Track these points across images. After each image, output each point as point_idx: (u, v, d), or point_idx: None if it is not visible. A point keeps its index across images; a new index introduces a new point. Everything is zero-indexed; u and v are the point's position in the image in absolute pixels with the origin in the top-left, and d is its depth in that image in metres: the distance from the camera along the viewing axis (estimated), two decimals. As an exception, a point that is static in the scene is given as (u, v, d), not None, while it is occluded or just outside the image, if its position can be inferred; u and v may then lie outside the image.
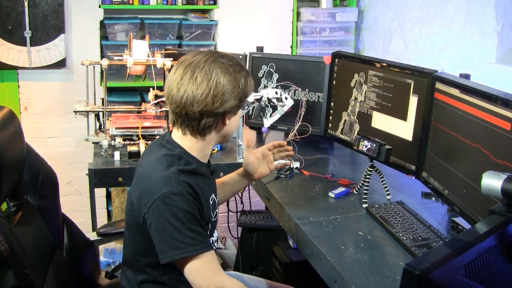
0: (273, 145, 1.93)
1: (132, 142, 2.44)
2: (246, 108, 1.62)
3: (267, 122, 2.37)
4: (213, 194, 1.62)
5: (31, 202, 1.71)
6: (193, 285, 1.45)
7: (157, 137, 2.46)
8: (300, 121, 2.30)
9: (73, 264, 1.83)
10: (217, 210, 1.65)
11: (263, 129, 2.40)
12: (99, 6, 3.28)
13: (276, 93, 2.28)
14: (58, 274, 1.69)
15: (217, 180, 1.93)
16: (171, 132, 1.62)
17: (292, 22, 3.63)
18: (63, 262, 1.79)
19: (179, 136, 1.57)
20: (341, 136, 2.38)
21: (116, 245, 3.33)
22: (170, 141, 1.58)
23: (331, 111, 2.43)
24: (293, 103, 2.31)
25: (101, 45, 3.37)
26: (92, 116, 2.60)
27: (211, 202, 1.59)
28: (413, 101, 1.96)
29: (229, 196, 1.97)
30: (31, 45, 3.20)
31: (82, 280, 1.85)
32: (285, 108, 2.30)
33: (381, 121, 2.13)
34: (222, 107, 1.51)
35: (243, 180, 1.91)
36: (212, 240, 1.64)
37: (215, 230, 1.69)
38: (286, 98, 2.29)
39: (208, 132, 1.56)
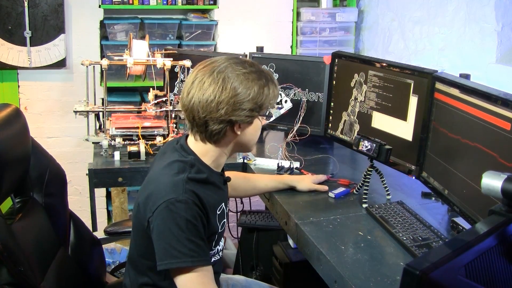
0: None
1: (132, 142, 2.44)
2: (269, 118, 1.58)
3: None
4: (222, 204, 1.60)
5: (37, 199, 1.72)
6: None
7: (157, 137, 2.47)
8: (299, 122, 2.30)
9: (79, 261, 1.83)
10: (224, 220, 1.62)
11: None
12: (99, 6, 3.28)
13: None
14: (59, 271, 1.69)
15: (259, 179, 2.04)
16: (187, 136, 1.60)
17: (292, 22, 3.63)
18: (67, 259, 1.79)
19: (192, 141, 1.56)
20: (341, 136, 2.38)
21: (116, 245, 3.33)
22: (184, 146, 1.56)
23: (331, 111, 2.43)
24: (291, 106, 2.31)
25: (101, 45, 3.37)
26: (92, 116, 2.59)
27: (218, 212, 1.57)
28: (413, 101, 1.96)
29: (254, 194, 2.11)
30: (31, 45, 3.20)
31: (87, 277, 1.85)
32: (281, 111, 2.30)
33: (381, 121, 2.13)
34: (227, 115, 1.47)
35: (286, 186, 2.04)
36: (218, 249, 1.63)
37: (222, 239, 1.67)
38: (286, 101, 2.30)
39: (218, 139, 1.52)
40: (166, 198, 1.41)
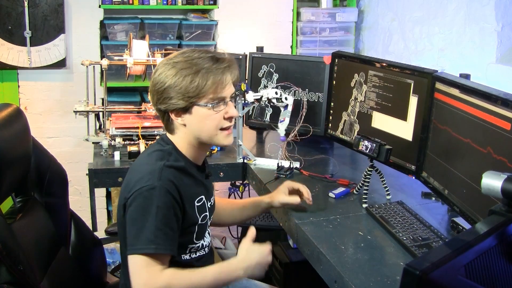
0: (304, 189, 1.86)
1: (132, 142, 2.44)
2: (216, 110, 1.52)
3: (281, 130, 2.28)
4: (203, 197, 1.60)
5: (38, 199, 1.73)
6: (133, 281, 1.43)
7: (157, 137, 2.47)
8: (301, 121, 2.29)
9: (79, 261, 1.84)
10: (206, 213, 1.62)
11: (282, 138, 2.30)
12: (99, 6, 3.28)
13: (276, 93, 2.28)
14: (59, 270, 1.70)
15: (237, 204, 1.95)
16: None
17: (292, 22, 3.63)
18: (67, 259, 1.80)
19: (168, 133, 1.62)
20: (341, 136, 2.38)
21: (116, 245, 3.32)
22: (164, 138, 1.61)
23: (331, 111, 2.43)
24: (293, 99, 2.29)
25: (101, 45, 3.37)
26: (92, 116, 2.60)
27: (197, 204, 1.57)
28: (413, 101, 1.96)
29: (243, 219, 1.99)
30: (31, 45, 3.20)
31: (88, 277, 1.86)
32: (289, 108, 2.28)
33: (381, 121, 2.13)
34: (157, 104, 1.54)
35: (263, 209, 1.91)
36: (203, 244, 1.62)
37: (207, 235, 1.67)
38: (286, 98, 2.29)
39: (169, 128, 1.58)
40: (142, 185, 1.44)
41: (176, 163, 1.53)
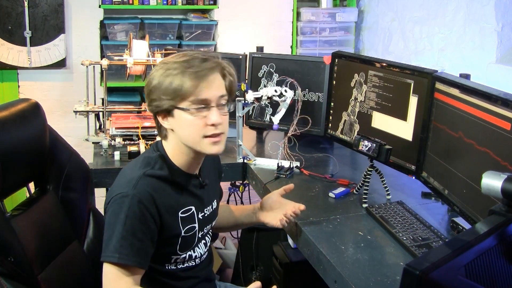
0: (293, 206, 1.75)
1: (132, 142, 2.44)
2: (196, 115, 1.44)
3: (275, 119, 2.32)
4: (192, 207, 1.55)
5: (54, 192, 1.75)
6: None
7: (157, 137, 2.46)
8: (298, 114, 2.29)
9: (93, 256, 1.82)
10: (194, 225, 1.55)
11: (275, 127, 2.33)
12: (99, 6, 3.28)
13: (276, 91, 2.28)
14: (66, 263, 1.70)
15: (228, 207, 1.90)
16: None
17: (292, 22, 3.63)
18: (77, 252, 1.79)
19: (162, 139, 1.58)
20: (341, 136, 2.38)
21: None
22: (158, 143, 1.57)
23: (331, 111, 2.43)
24: (293, 93, 2.30)
25: (101, 45, 3.37)
26: (92, 116, 2.60)
27: (182, 215, 1.52)
28: (413, 101, 1.96)
29: (231, 225, 1.89)
30: (31, 45, 3.20)
31: (101, 272, 1.86)
32: (288, 101, 2.28)
33: (381, 121, 2.13)
34: (149, 106, 1.50)
35: (252, 217, 1.82)
36: (191, 255, 1.58)
37: (202, 245, 1.62)
38: (286, 91, 2.29)
39: (160, 133, 1.54)
40: (117, 192, 1.44)
41: (159, 172, 1.48)
